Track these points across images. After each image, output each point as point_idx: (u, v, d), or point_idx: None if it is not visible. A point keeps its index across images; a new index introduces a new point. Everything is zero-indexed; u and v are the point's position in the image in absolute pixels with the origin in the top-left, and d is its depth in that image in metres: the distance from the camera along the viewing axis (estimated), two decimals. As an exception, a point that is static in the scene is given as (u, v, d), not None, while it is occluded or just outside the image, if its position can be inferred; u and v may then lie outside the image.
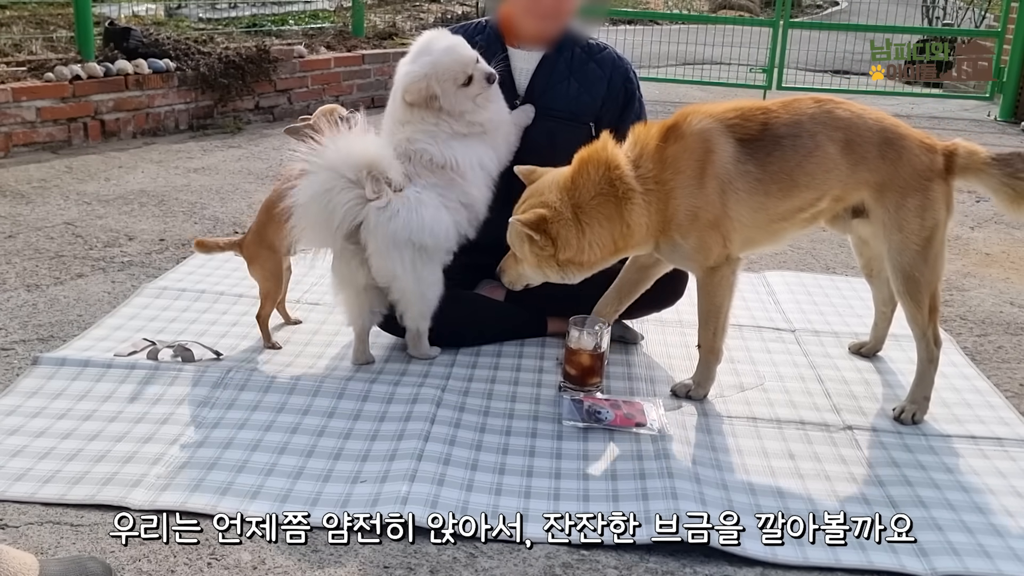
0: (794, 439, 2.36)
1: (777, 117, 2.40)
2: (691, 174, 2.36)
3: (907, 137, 2.42)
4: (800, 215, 2.46)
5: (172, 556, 1.82)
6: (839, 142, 2.38)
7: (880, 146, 2.40)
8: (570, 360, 2.53)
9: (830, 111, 2.41)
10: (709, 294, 2.49)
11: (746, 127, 2.38)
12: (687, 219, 2.38)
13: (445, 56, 2.54)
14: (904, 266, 2.41)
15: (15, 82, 5.01)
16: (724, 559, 1.88)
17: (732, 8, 13.78)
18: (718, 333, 2.53)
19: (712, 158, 2.36)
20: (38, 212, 4.03)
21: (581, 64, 2.84)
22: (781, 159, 2.37)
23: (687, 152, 2.37)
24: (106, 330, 2.84)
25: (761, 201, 2.39)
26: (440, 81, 2.52)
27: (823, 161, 2.38)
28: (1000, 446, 2.37)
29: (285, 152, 2.68)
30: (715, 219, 2.38)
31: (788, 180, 2.39)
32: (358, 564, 1.83)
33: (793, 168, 2.38)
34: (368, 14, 7.77)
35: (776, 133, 2.38)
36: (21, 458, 2.14)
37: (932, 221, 2.39)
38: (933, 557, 1.89)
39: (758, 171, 2.37)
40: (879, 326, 2.87)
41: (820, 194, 2.43)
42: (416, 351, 2.71)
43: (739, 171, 2.37)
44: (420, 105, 2.55)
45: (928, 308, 2.44)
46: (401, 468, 2.11)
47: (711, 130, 2.38)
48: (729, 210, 2.38)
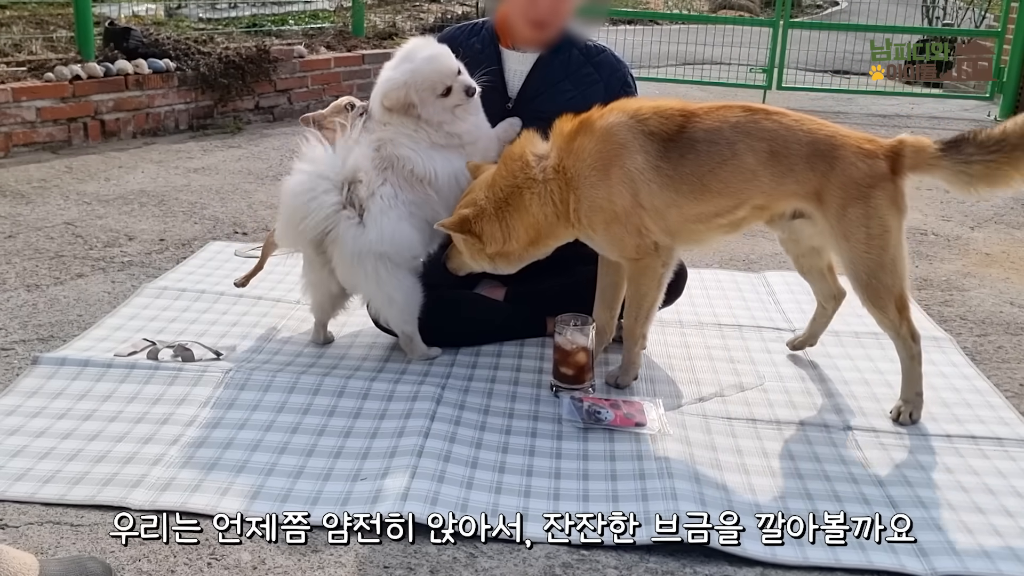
0: (794, 439, 2.36)
1: (698, 121, 2.39)
2: (594, 166, 2.39)
3: (842, 147, 2.34)
4: (717, 220, 2.45)
5: (172, 556, 1.82)
6: (762, 152, 2.35)
7: (809, 157, 2.34)
8: (564, 360, 2.52)
9: (756, 121, 2.38)
10: (633, 281, 2.53)
11: (663, 125, 2.39)
12: (590, 210, 2.41)
13: (426, 65, 2.54)
14: (859, 274, 2.37)
15: (15, 82, 5.01)
16: (724, 559, 1.88)
17: (732, 8, 13.78)
18: (640, 319, 2.56)
19: (620, 152, 2.38)
20: (38, 212, 4.03)
21: (578, 67, 2.82)
22: (694, 162, 2.37)
23: (593, 145, 2.40)
24: (106, 330, 2.84)
25: (672, 198, 2.40)
26: (419, 90, 2.53)
27: (739, 170, 2.36)
28: (1000, 446, 2.37)
29: (286, 151, 2.70)
30: (622, 212, 2.39)
31: (699, 184, 2.38)
32: (358, 564, 1.83)
33: (705, 173, 2.37)
34: (368, 14, 7.77)
35: (693, 137, 2.37)
36: (21, 458, 2.14)
37: (880, 228, 2.33)
38: (933, 557, 1.89)
39: (669, 169, 2.38)
40: (817, 321, 2.84)
41: (737, 202, 2.41)
42: (412, 353, 2.71)
43: (650, 165, 2.37)
44: (398, 112, 2.55)
45: (895, 309, 2.39)
46: (401, 465, 2.11)
47: (619, 125, 2.39)
48: (642, 201, 2.39)
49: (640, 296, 2.53)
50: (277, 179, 4.71)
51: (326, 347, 2.79)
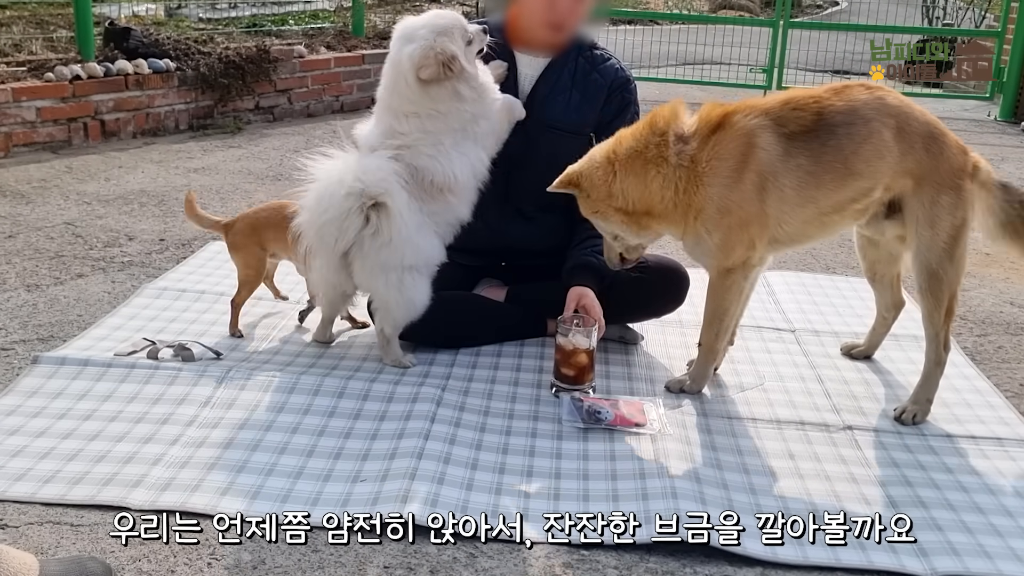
0: (794, 439, 2.37)
1: (831, 105, 2.38)
2: (729, 168, 2.35)
3: (947, 135, 2.43)
4: (854, 205, 2.44)
5: (172, 556, 1.82)
6: (892, 128, 2.37)
7: (925, 139, 2.39)
8: (565, 361, 2.52)
9: (882, 98, 2.40)
10: (718, 296, 2.49)
11: (800, 120, 2.37)
12: (716, 213, 2.37)
13: (441, 20, 2.50)
14: (930, 263, 2.40)
15: (15, 82, 5.01)
16: (724, 559, 1.88)
17: (732, 8, 13.78)
18: (720, 335, 2.54)
19: (755, 154, 2.34)
20: (38, 212, 4.03)
21: (584, 75, 2.81)
22: (836, 148, 2.35)
23: (730, 145, 2.35)
24: (106, 330, 2.84)
25: (811, 194, 2.38)
26: (452, 41, 2.46)
27: (878, 147, 2.36)
28: (1000, 446, 2.37)
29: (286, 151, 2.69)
30: (747, 218, 2.37)
31: (843, 168, 2.36)
32: (358, 564, 1.83)
33: (849, 155, 2.35)
34: (368, 14, 7.77)
35: (831, 122, 2.36)
36: (21, 458, 2.14)
37: (961, 220, 2.40)
38: (933, 557, 1.89)
39: (810, 164, 2.35)
40: (877, 331, 2.86)
41: (874, 183, 2.40)
42: (387, 357, 2.67)
43: (787, 167, 2.35)
44: (437, 78, 2.46)
45: (946, 309, 2.43)
46: (401, 466, 2.11)
47: (758, 127, 2.36)
48: (768, 208, 2.36)
49: (723, 311, 2.50)
50: (277, 179, 4.72)
51: (326, 347, 2.79)
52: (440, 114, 2.52)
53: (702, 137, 2.37)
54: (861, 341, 2.90)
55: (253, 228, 2.79)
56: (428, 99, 2.50)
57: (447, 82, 2.48)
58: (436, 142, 2.54)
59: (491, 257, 2.84)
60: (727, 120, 2.38)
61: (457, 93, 2.51)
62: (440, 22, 2.49)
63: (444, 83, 2.47)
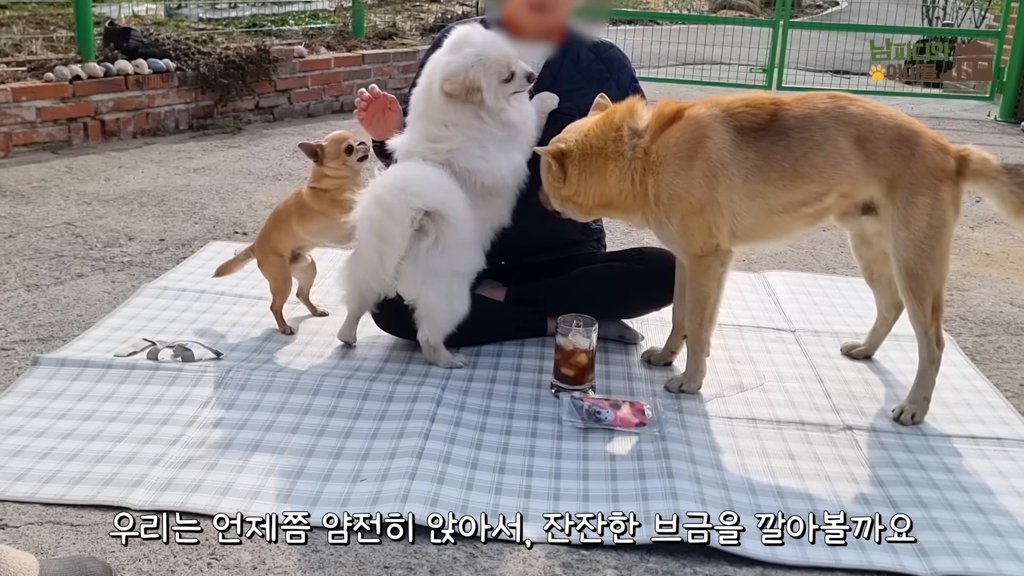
0: (794, 439, 2.37)
1: (788, 109, 2.42)
2: (678, 155, 2.41)
3: (921, 135, 2.43)
4: (804, 209, 2.47)
5: (172, 556, 1.82)
6: (851, 137, 2.39)
7: (893, 142, 2.40)
8: (565, 361, 2.52)
9: (843, 107, 2.43)
10: (696, 283, 2.53)
11: (755, 117, 2.42)
12: (669, 199, 2.44)
13: (491, 49, 2.51)
14: (908, 263, 2.41)
15: (15, 82, 5.01)
16: (724, 559, 1.88)
17: (732, 8, 13.78)
18: (704, 325, 2.56)
19: (706, 143, 2.40)
20: (38, 212, 4.03)
21: (588, 63, 2.83)
22: (786, 149, 2.39)
23: (681, 135, 2.42)
24: (106, 330, 2.84)
25: (758, 189, 2.41)
26: (486, 73, 2.48)
27: (831, 155, 2.39)
28: (1000, 446, 2.37)
29: (286, 151, 2.69)
30: (699, 205, 2.42)
31: (791, 170, 2.40)
32: (358, 564, 1.83)
33: (798, 159, 2.39)
34: (368, 14, 7.77)
35: (785, 124, 2.40)
36: (21, 458, 2.14)
37: (940, 221, 2.39)
38: (933, 557, 1.89)
39: (759, 159, 2.40)
40: (878, 331, 2.86)
41: (826, 189, 2.43)
42: (439, 361, 2.67)
43: (735, 157, 2.39)
44: (459, 97, 2.49)
45: (931, 308, 2.44)
46: (401, 466, 2.12)
47: (710, 116, 2.42)
48: (719, 196, 2.41)
49: (703, 298, 2.53)
50: (277, 179, 4.72)
51: (327, 348, 2.78)
52: (475, 126, 2.55)
53: (655, 131, 2.45)
54: (861, 341, 2.90)
55: (264, 240, 2.86)
56: (453, 111, 2.53)
57: (470, 104, 2.51)
58: (482, 145, 2.56)
59: (492, 255, 2.84)
60: (681, 114, 2.46)
61: (478, 116, 2.54)
62: (487, 51, 2.50)
63: (467, 104, 2.51)
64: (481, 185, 2.56)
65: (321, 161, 2.74)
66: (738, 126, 2.41)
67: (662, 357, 2.77)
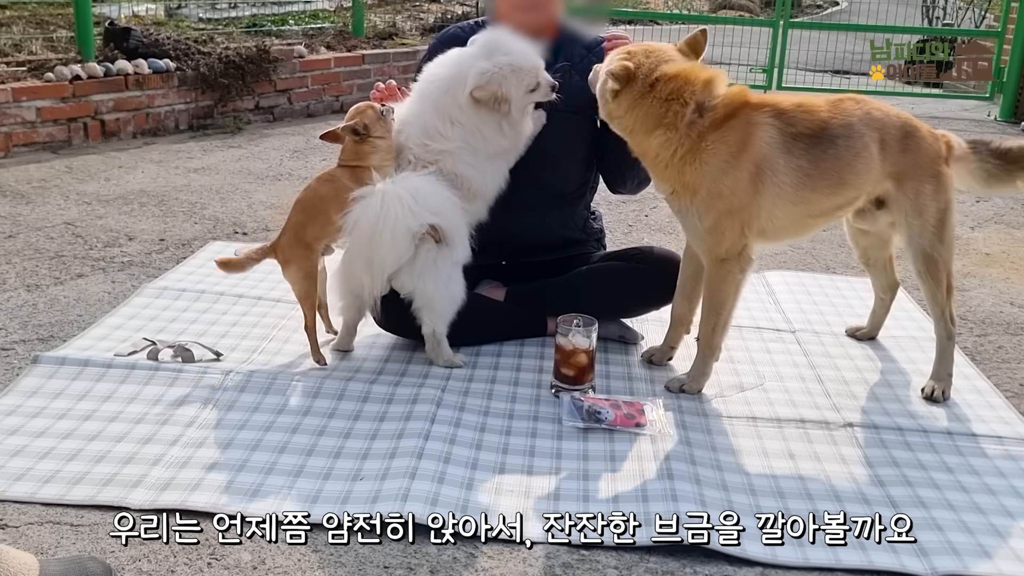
0: (794, 438, 2.36)
1: (833, 118, 2.47)
2: (732, 155, 2.40)
3: (919, 128, 2.56)
4: (837, 212, 2.60)
5: (172, 556, 1.82)
6: (877, 141, 2.49)
7: (902, 140, 2.52)
8: (565, 361, 2.52)
9: (869, 112, 2.52)
10: (714, 287, 2.52)
11: (807, 124, 2.45)
12: (710, 195, 2.42)
13: (523, 60, 2.52)
14: (924, 248, 2.54)
15: (15, 82, 5.01)
16: (724, 559, 1.88)
17: (732, 8, 13.77)
18: (718, 329, 2.55)
19: (759, 147, 2.40)
20: (38, 212, 4.03)
21: (582, 60, 2.83)
22: (835, 158, 2.45)
23: (734, 134, 2.41)
24: (106, 330, 2.84)
25: (806, 196, 2.47)
26: (517, 84, 2.50)
27: (869, 161, 2.48)
28: (1000, 446, 2.37)
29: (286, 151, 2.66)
30: (739, 206, 2.42)
31: (838, 178, 2.47)
32: (358, 564, 1.83)
33: (844, 168, 2.46)
34: (368, 14, 7.77)
35: (833, 133, 2.45)
36: (21, 458, 2.14)
37: (945, 203, 2.54)
38: (933, 557, 1.89)
39: (811, 167, 2.44)
40: (877, 313, 2.98)
41: (860, 192, 2.54)
42: (438, 359, 2.67)
43: (789, 165, 2.42)
44: (487, 105, 2.50)
45: (946, 287, 2.57)
46: (401, 466, 2.12)
47: (763, 122, 2.42)
48: (761, 200, 2.43)
49: (719, 304, 2.53)
50: (277, 179, 4.73)
51: (327, 349, 2.78)
52: (483, 136, 2.57)
53: (716, 116, 2.41)
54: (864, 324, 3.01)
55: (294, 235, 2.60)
56: (474, 116, 2.54)
57: (495, 113, 2.52)
58: (474, 154, 2.58)
59: (491, 255, 2.84)
60: (741, 109, 2.43)
61: (500, 127, 2.56)
62: (520, 62, 2.51)
63: (492, 112, 2.52)
64: (467, 190, 2.60)
65: (369, 133, 2.57)
66: (793, 133, 2.43)
67: (663, 354, 2.76)
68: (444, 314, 2.61)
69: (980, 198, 4.76)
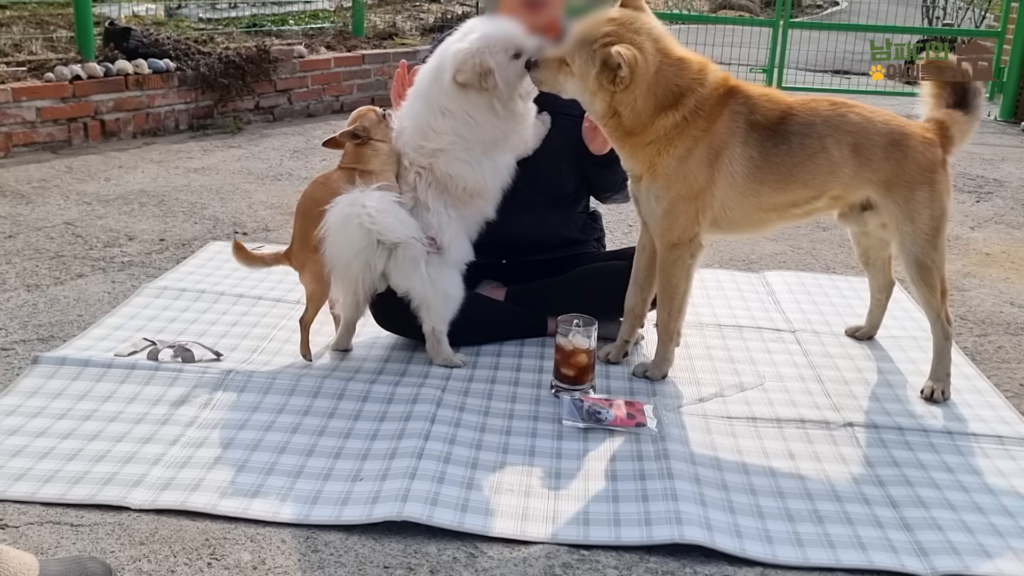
0: (794, 438, 2.37)
1: (795, 115, 2.47)
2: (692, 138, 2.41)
3: (911, 135, 2.53)
4: (793, 209, 2.58)
5: (172, 556, 1.82)
6: (847, 145, 2.47)
7: (886, 147, 2.49)
8: (565, 361, 2.52)
9: (843, 115, 2.50)
10: (665, 272, 2.56)
11: (767, 115, 2.45)
12: (668, 178, 2.45)
13: (494, 29, 2.51)
14: (916, 255, 2.54)
15: (15, 82, 5.01)
16: (724, 559, 1.88)
17: (732, 8, 13.77)
18: (673, 314, 2.60)
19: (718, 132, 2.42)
20: (38, 212, 4.03)
21: None
22: (787, 154, 2.46)
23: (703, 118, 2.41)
24: (106, 330, 2.84)
25: (754, 187, 2.47)
26: (493, 53, 2.47)
27: (826, 163, 2.47)
28: (1000, 445, 2.37)
29: (286, 151, 2.65)
30: (696, 191, 2.45)
31: (787, 175, 2.47)
32: (358, 564, 1.83)
33: (795, 165, 2.46)
34: (368, 14, 7.77)
35: (789, 129, 2.46)
36: (21, 458, 2.14)
37: (939, 211, 2.52)
38: (933, 557, 1.89)
39: (760, 159, 2.45)
40: (874, 313, 2.99)
41: (817, 193, 2.53)
42: (437, 357, 2.68)
43: (742, 155, 2.44)
44: (473, 85, 2.48)
45: (940, 291, 2.57)
46: (401, 466, 2.12)
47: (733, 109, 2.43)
48: (716, 189, 2.45)
49: (672, 288, 2.57)
50: (277, 179, 4.73)
51: (326, 349, 2.78)
52: (475, 122, 2.54)
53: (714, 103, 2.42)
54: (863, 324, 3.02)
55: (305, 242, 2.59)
56: (464, 101, 2.52)
57: (484, 93, 2.50)
58: (468, 147, 2.56)
59: (492, 254, 2.84)
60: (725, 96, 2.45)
61: (492, 107, 2.54)
62: (491, 32, 2.50)
63: (481, 92, 2.50)
64: (463, 189, 2.58)
65: (369, 136, 2.59)
66: (752, 121, 2.44)
67: (618, 350, 2.76)
68: (442, 313, 2.62)
69: (980, 198, 4.77)
